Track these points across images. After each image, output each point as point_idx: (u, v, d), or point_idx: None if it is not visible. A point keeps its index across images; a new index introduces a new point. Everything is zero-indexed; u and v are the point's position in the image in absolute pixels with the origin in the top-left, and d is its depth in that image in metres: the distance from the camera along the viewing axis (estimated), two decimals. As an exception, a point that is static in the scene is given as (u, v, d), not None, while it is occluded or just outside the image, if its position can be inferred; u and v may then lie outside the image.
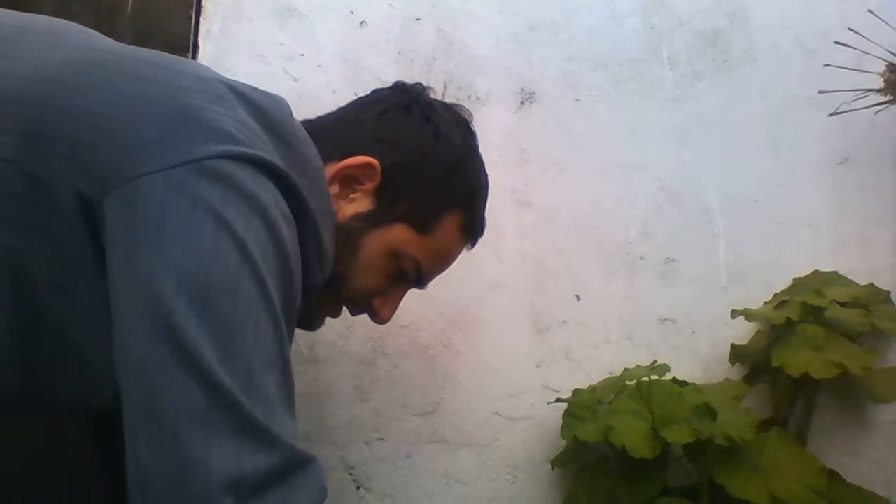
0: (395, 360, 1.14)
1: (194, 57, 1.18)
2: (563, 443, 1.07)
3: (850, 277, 1.12)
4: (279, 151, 0.63)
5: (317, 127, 0.77)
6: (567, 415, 1.04)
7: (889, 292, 1.10)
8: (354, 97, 1.17)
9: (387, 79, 1.19)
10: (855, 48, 1.10)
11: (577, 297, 1.17)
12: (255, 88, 0.67)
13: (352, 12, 1.22)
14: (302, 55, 1.20)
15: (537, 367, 1.15)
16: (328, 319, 0.84)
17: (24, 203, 0.56)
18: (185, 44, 1.17)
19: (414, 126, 0.78)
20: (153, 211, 0.55)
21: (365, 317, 1.09)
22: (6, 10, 0.68)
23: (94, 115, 0.57)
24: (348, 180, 0.75)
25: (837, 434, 1.11)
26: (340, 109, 0.83)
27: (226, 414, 0.52)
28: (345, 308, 0.84)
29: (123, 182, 0.55)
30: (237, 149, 0.58)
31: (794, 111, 1.20)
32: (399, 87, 0.84)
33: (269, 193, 0.59)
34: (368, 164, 0.75)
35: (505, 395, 1.14)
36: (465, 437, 1.13)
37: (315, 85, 1.19)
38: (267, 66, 1.19)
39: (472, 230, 0.84)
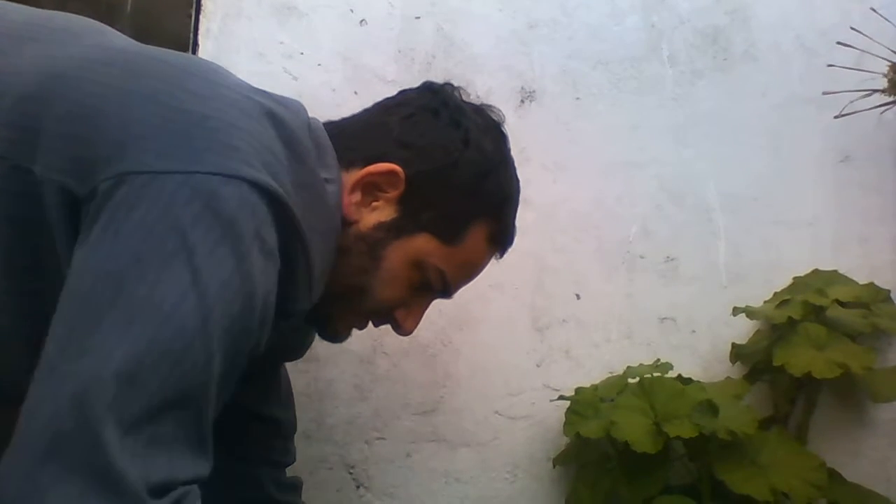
0: (395, 358, 1.14)
1: (194, 55, 1.18)
2: (564, 441, 1.07)
3: (850, 276, 1.12)
4: (288, 167, 0.60)
5: (341, 131, 0.74)
6: (570, 412, 1.04)
7: (889, 291, 1.10)
8: (354, 96, 1.19)
9: (387, 77, 1.19)
10: (857, 48, 1.10)
11: (578, 296, 1.17)
12: (274, 96, 0.65)
13: (351, 11, 1.21)
14: (302, 53, 1.20)
15: (537, 366, 1.15)
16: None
17: (13, 197, 0.55)
18: (185, 42, 1.17)
19: (442, 131, 0.74)
20: (122, 211, 0.52)
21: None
22: (21, 7, 0.67)
23: (88, 108, 0.56)
24: (371, 188, 0.72)
25: (838, 433, 1.11)
26: (366, 111, 0.79)
27: (88, 452, 0.47)
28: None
29: (105, 180, 0.53)
30: (232, 166, 0.55)
31: (795, 109, 1.20)
32: (427, 89, 0.79)
33: (252, 220, 0.55)
34: (392, 172, 0.71)
35: (505, 394, 1.14)
36: (466, 435, 1.13)
37: (315, 83, 1.19)
38: (267, 64, 1.19)
39: (502, 240, 0.80)
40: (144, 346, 0.50)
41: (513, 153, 1.17)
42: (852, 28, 1.10)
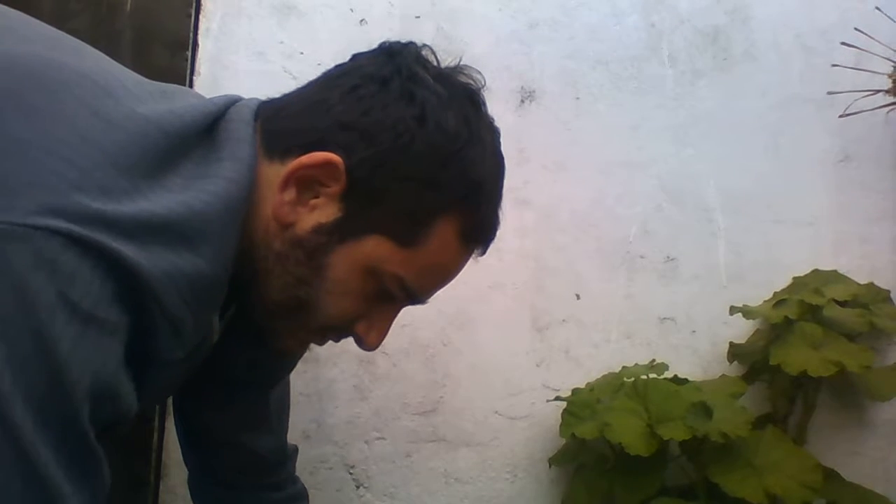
0: (395, 358, 1.14)
1: (194, 55, 1.18)
2: (563, 442, 1.07)
3: (851, 276, 1.12)
4: (140, 187, 0.50)
5: (276, 112, 0.63)
6: (566, 413, 1.04)
7: (889, 291, 1.10)
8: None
9: (386, 77, 1.19)
10: (860, 48, 1.10)
11: (577, 296, 1.17)
12: (169, 91, 0.57)
13: (351, 10, 1.21)
14: (301, 53, 1.19)
15: (537, 366, 1.15)
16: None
17: None
18: (185, 42, 1.17)
19: (391, 107, 0.59)
20: None
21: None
22: None
23: None
24: (307, 183, 0.59)
25: (837, 433, 1.11)
26: (308, 85, 0.66)
27: None
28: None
29: None
30: (21, 214, 0.44)
31: (795, 109, 1.20)
32: (383, 51, 0.64)
33: (52, 281, 0.44)
34: (328, 163, 0.58)
35: (505, 394, 1.14)
36: (465, 435, 1.13)
37: (314, 83, 1.18)
38: (266, 63, 1.18)
39: (477, 235, 0.66)
40: None
41: (512, 153, 1.18)
42: (856, 28, 1.10)
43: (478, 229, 0.65)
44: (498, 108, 1.19)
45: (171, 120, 0.54)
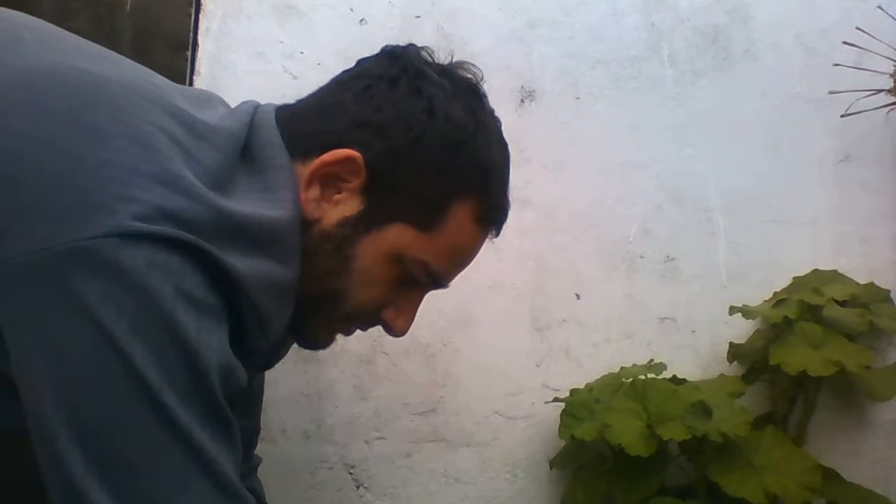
0: (394, 358, 1.14)
1: (194, 55, 1.18)
2: (563, 442, 1.07)
3: (851, 276, 1.11)
4: (207, 198, 0.53)
5: (293, 117, 0.66)
6: (565, 414, 1.04)
7: (889, 291, 1.09)
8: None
9: (386, 77, 1.19)
10: (861, 47, 1.10)
11: (577, 296, 1.17)
12: (200, 121, 0.58)
13: (351, 10, 1.21)
14: (301, 53, 1.19)
15: (537, 366, 1.15)
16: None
17: None
18: (185, 41, 1.17)
19: (401, 103, 0.64)
20: (28, 309, 0.48)
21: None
22: None
23: None
24: (330, 179, 0.64)
25: (837, 433, 1.11)
26: (321, 89, 0.70)
27: None
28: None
29: (6, 261, 0.48)
30: (133, 225, 0.48)
31: (795, 109, 1.20)
32: (386, 54, 0.69)
33: (167, 278, 0.49)
34: (348, 158, 0.62)
35: (505, 395, 1.14)
36: (465, 436, 1.13)
37: (315, 83, 1.16)
38: (266, 63, 1.19)
39: (491, 216, 0.70)
40: (108, 460, 0.48)
41: (513, 153, 1.18)
42: (857, 28, 1.10)
43: (491, 211, 0.70)
44: (498, 107, 1.19)
45: (222, 132, 0.59)
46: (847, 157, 1.19)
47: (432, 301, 1.15)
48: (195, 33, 1.18)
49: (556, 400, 1.08)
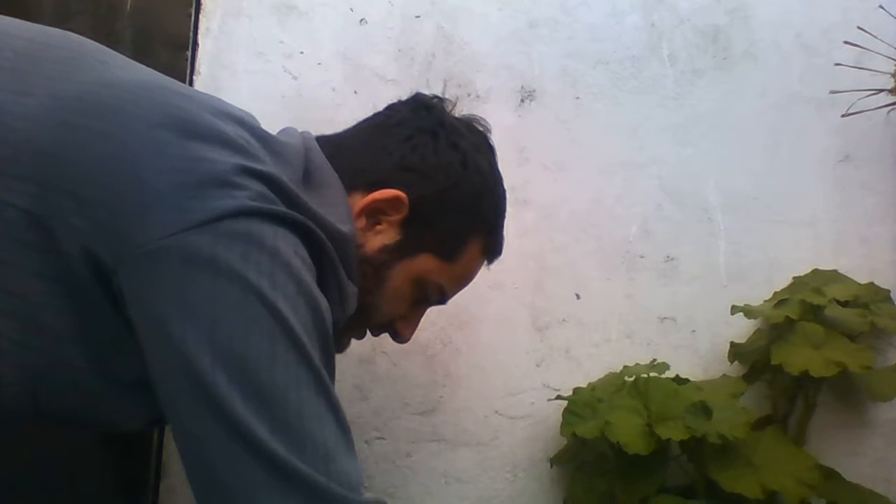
0: (394, 358, 1.14)
1: (194, 55, 1.18)
2: (563, 441, 1.07)
3: (851, 276, 1.12)
4: (300, 197, 0.62)
5: (337, 150, 0.75)
6: (567, 412, 1.04)
7: (889, 291, 1.09)
8: (354, 95, 1.19)
9: (387, 76, 1.19)
10: (862, 47, 1.10)
11: (577, 296, 1.17)
12: (270, 134, 0.66)
13: (351, 10, 1.21)
14: (301, 53, 1.19)
15: (537, 365, 1.15)
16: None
17: (40, 253, 0.56)
18: (185, 42, 1.17)
19: (442, 155, 0.76)
20: (174, 283, 0.54)
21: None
22: (21, 25, 0.66)
23: (100, 170, 0.56)
24: (375, 212, 0.74)
25: (837, 433, 1.11)
26: (358, 129, 0.81)
27: (286, 483, 0.54)
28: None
29: (136, 249, 0.54)
30: (250, 203, 0.56)
31: (795, 109, 1.20)
32: (419, 105, 0.80)
33: (288, 244, 0.58)
34: (397, 198, 0.73)
35: (505, 394, 1.14)
36: (465, 435, 1.13)
37: (315, 83, 1.19)
38: (266, 63, 1.19)
39: (494, 251, 0.85)
40: (265, 396, 0.55)
41: (513, 153, 1.18)
42: (859, 27, 1.10)
43: (495, 247, 0.85)
44: (498, 107, 1.21)
45: (289, 149, 0.68)
46: (847, 157, 1.19)
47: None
48: (195, 33, 1.18)
49: (558, 398, 1.08)
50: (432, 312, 1.13)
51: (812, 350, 1.00)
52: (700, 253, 1.18)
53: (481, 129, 0.83)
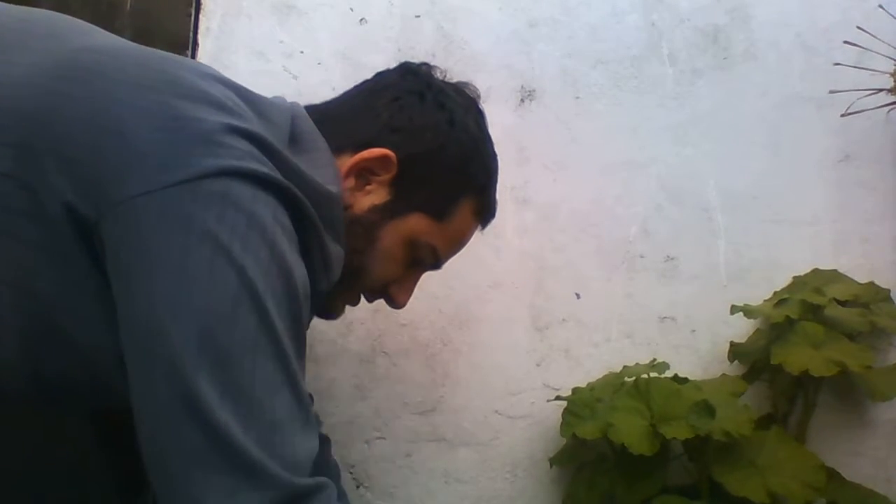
0: (394, 358, 1.14)
1: (194, 54, 1.18)
2: (563, 441, 1.07)
3: (851, 275, 1.11)
4: (286, 158, 0.62)
5: (323, 116, 0.75)
6: (566, 413, 1.04)
7: (889, 290, 1.09)
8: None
9: (386, 76, 1.19)
10: (862, 47, 1.10)
11: (577, 296, 1.17)
12: (259, 95, 0.66)
13: (351, 9, 1.21)
14: (301, 52, 1.19)
15: (537, 365, 1.15)
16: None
17: (26, 218, 0.56)
18: (185, 41, 1.17)
19: (429, 115, 0.76)
20: (147, 237, 0.54)
21: (365, 315, 1.09)
22: (6, 6, 0.67)
23: (83, 129, 0.56)
24: (364, 172, 0.74)
25: (837, 433, 1.11)
26: (346, 95, 0.81)
27: (223, 453, 0.53)
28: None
29: (116, 205, 0.54)
30: (234, 163, 0.56)
31: (795, 109, 1.20)
32: (406, 70, 0.81)
33: (267, 208, 0.58)
34: (385, 157, 0.74)
35: (505, 394, 1.14)
36: (465, 435, 1.13)
37: (314, 82, 1.19)
38: (266, 63, 1.19)
39: (486, 213, 0.84)
40: (220, 358, 0.54)
41: (513, 152, 1.18)
42: (858, 27, 1.09)
43: (487, 209, 0.84)
44: (498, 107, 1.21)
45: (275, 110, 0.67)
46: (847, 156, 1.19)
47: (432, 301, 1.16)
48: (195, 33, 1.18)
49: (558, 398, 1.08)
50: (432, 312, 1.14)
51: (812, 350, 1.00)
52: (700, 253, 1.18)
53: (470, 93, 0.83)
